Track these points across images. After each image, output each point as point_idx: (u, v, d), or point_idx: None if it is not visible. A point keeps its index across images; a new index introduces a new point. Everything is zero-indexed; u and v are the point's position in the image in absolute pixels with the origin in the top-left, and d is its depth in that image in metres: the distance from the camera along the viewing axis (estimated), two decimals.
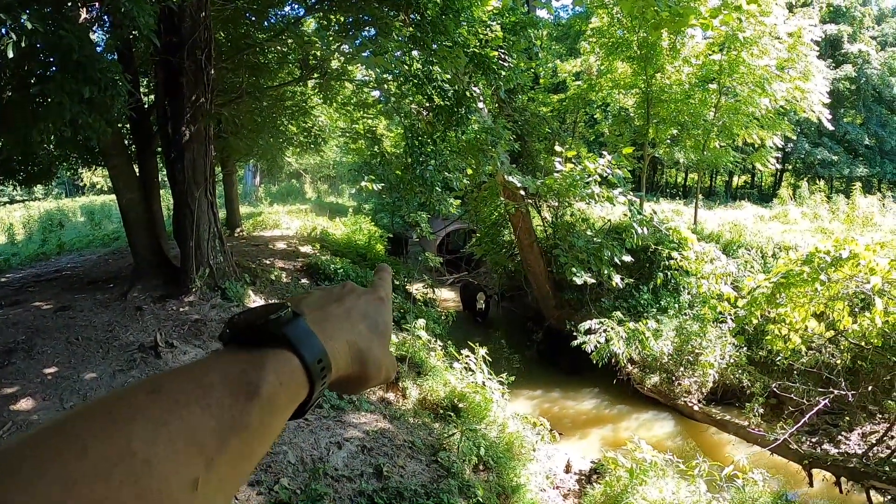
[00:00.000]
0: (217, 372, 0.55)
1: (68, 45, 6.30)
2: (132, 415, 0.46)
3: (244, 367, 0.57)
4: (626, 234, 12.76)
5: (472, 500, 6.29)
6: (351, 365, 0.70)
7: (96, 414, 0.46)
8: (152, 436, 0.45)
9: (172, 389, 0.51)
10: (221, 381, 0.54)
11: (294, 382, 0.60)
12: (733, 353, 12.22)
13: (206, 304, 9.60)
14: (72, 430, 0.44)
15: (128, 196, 10.41)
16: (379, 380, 0.76)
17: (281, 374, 0.58)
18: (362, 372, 0.72)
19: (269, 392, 0.56)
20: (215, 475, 0.49)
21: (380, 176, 13.55)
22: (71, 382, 6.61)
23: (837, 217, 20.81)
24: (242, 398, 0.54)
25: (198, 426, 0.49)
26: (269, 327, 0.62)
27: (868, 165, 37.78)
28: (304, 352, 0.62)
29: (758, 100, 16.48)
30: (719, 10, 11.34)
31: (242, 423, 0.52)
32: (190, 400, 0.50)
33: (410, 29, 10.57)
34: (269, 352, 0.60)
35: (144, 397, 0.49)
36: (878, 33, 41.47)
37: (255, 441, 0.54)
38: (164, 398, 0.49)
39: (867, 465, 8.84)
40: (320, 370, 0.63)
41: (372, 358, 0.73)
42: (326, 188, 39.80)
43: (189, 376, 0.53)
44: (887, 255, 8.58)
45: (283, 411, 0.59)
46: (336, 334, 0.69)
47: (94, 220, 24.56)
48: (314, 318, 0.68)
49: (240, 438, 0.52)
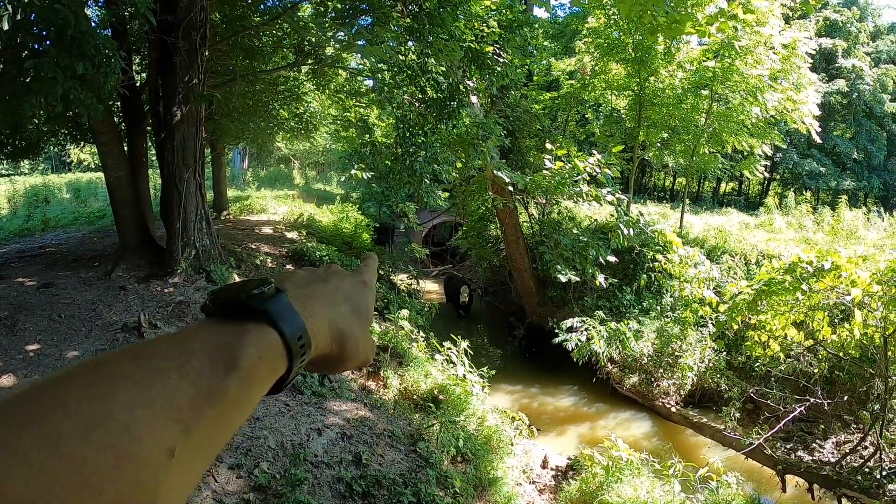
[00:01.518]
0: (198, 342, 0.56)
1: (64, 19, 6.26)
2: (114, 380, 0.47)
3: (225, 338, 0.58)
4: (611, 234, 12.82)
5: (449, 491, 6.34)
6: (331, 344, 0.71)
7: (79, 377, 0.47)
8: (132, 401, 0.46)
9: (154, 356, 0.52)
10: (202, 351, 0.55)
11: (273, 357, 0.61)
12: (712, 357, 12.31)
13: (190, 286, 9.57)
14: (54, 392, 0.44)
15: (116, 174, 10.33)
16: (357, 361, 0.77)
17: (260, 347, 0.59)
18: (341, 352, 0.73)
19: (248, 365, 0.57)
20: (191, 443, 0.49)
21: (369, 165, 13.55)
22: (53, 360, 6.59)
23: (822, 228, 20.96)
24: (221, 369, 0.54)
25: (176, 393, 0.50)
26: (251, 302, 0.62)
27: (855, 179, 38.08)
28: (284, 327, 0.62)
29: (749, 108, 16.59)
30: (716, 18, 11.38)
31: (220, 393, 0.53)
32: (170, 368, 0.51)
33: (408, 20, 10.56)
34: (251, 325, 0.61)
35: (127, 363, 0.50)
36: (872, 49, 41.78)
37: (232, 412, 0.55)
38: (145, 365, 0.50)
39: (840, 473, 8.95)
40: (300, 346, 0.64)
41: (351, 339, 0.74)
42: (315, 175, 39.64)
43: (170, 345, 0.54)
44: (869, 268, 8.68)
45: (260, 384, 0.60)
46: (317, 312, 0.70)
47: (80, 197, 24.39)
48: (297, 296, 0.68)
49: (217, 408, 0.53)
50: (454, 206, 19.70)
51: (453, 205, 19.54)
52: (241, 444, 5.66)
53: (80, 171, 39.77)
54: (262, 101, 15.58)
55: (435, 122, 11.76)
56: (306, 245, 13.87)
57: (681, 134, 18.43)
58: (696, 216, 24.20)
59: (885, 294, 8.41)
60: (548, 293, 15.60)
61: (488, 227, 18.65)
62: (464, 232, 20.02)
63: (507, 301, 18.91)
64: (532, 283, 15.94)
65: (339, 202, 22.83)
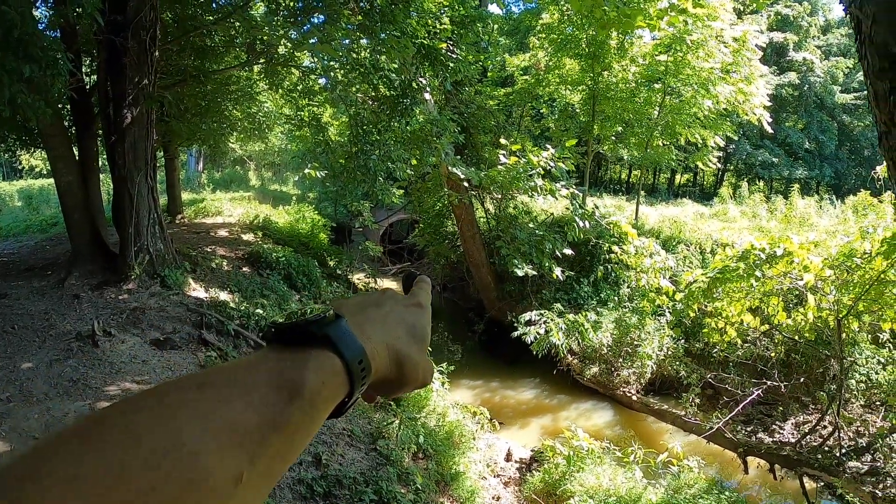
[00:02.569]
0: (261, 370, 0.57)
1: (10, 20, 6.11)
2: (180, 409, 0.48)
3: (287, 365, 0.59)
4: (567, 227, 12.94)
5: (411, 488, 6.36)
6: (389, 367, 0.72)
7: (146, 407, 0.48)
8: (200, 429, 0.47)
9: (219, 384, 0.53)
10: (265, 379, 0.55)
11: (335, 381, 0.62)
12: (671, 345, 12.52)
13: (144, 291, 9.42)
14: (124, 420, 0.46)
15: (66, 179, 10.09)
16: (416, 383, 0.77)
17: (322, 373, 0.60)
18: (400, 374, 0.74)
19: (311, 391, 0.58)
20: (256, 470, 0.50)
21: (323, 164, 13.48)
22: (7, 372, 6.44)
23: (776, 217, 21.38)
24: (285, 396, 0.55)
25: (242, 422, 0.50)
26: (311, 328, 0.63)
27: (807, 168, 38.91)
28: (344, 352, 0.63)
29: (701, 101, 16.87)
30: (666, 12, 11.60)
31: (284, 420, 0.54)
32: (235, 396, 0.52)
33: (359, 17, 10.52)
34: (312, 351, 0.62)
35: (191, 392, 0.50)
36: (822, 43, 42.71)
37: (295, 437, 0.56)
38: (211, 393, 0.51)
39: (800, 453, 9.19)
40: (360, 370, 0.65)
41: (409, 361, 0.75)
42: (270, 176, 39.20)
43: (235, 373, 0.55)
44: (821, 253, 8.92)
45: (323, 409, 0.61)
46: (375, 336, 0.71)
47: (31, 204, 23.77)
48: (355, 321, 0.69)
49: (281, 435, 0.53)
50: (410, 203, 19.71)
51: (409, 202, 19.54)
52: None
53: (32, 178, 38.76)
54: (215, 102, 15.37)
55: (388, 120, 11.75)
56: (262, 247, 13.76)
57: (634, 127, 18.68)
58: (652, 208, 24.47)
59: (837, 278, 8.66)
60: (506, 287, 15.71)
61: (445, 224, 18.71)
62: (420, 229, 20.04)
63: (466, 296, 18.99)
64: (490, 278, 16.03)
65: (295, 203, 22.67)
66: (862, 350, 10.76)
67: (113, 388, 6.44)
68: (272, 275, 12.25)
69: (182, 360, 7.75)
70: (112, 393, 6.33)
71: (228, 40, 13.34)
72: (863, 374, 10.58)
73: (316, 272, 13.43)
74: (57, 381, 6.41)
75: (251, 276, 11.89)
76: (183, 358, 7.80)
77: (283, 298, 11.20)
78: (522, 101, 22.24)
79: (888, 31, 2.29)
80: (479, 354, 15.58)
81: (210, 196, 24.36)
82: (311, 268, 13.42)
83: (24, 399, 5.94)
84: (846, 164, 41.80)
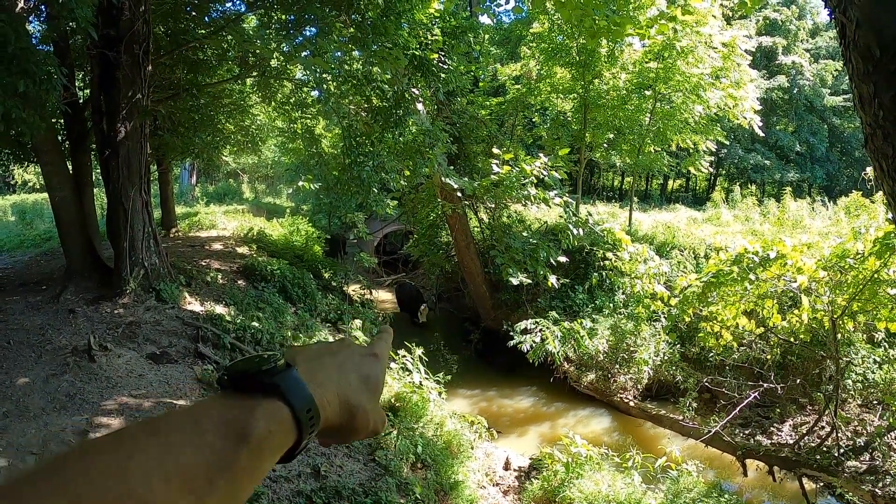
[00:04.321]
0: (211, 416, 0.59)
1: (4, 35, 6.15)
2: (131, 454, 0.51)
3: (236, 413, 0.61)
4: (561, 235, 12.94)
5: (410, 498, 6.36)
6: (341, 415, 0.73)
7: (100, 452, 0.51)
8: (149, 475, 0.50)
9: (171, 430, 0.55)
10: (215, 426, 0.58)
11: (283, 429, 0.64)
12: (667, 350, 12.52)
13: (140, 305, 9.40)
14: (80, 465, 0.48)
15: (60, 194, 10.10)
16: (366, 432, 0.78)
17: (270, 421, 0.62)
18: (351, 422, 0.75)
19: (258, 438, 0.60)
20: None
21: (317, 176, 13.49)
22: (3, 387, 6.42)
23: (768, 220, 21.48)
24: (232, 442, 0.57)
25: (190, 467, 0.53)
26: (262, 377, 0.65)
27: (799, 171, 39.19)
28: (293, 401, 0.65)
29: (692, 106, 16.98)
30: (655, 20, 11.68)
31: (231, 465, 0.56)
32: (185, 441, 0.55)
33: (351, 30, 10.57)
34: (262, 399, 0.64)
35: (144, 438, 0.53)
36: (811, 46, 43.10)
37: (243, 481, 0.58)
38: (161, 439, 0.54)
39: (798, 454, 9.18)
40: (309, 419, 0.66)
41: (360, 410, 0.76)
42: (264, 188, 39.19)
43: (185, 420, 0.58)
44: (814, 255, 8.96)
45: (270, 455, 0.63)
46: (327, 384, 0.72)
47: (25, 219, 23.68)
48: (307, 369, 0.71)
49: (227, 480, 0.55)
50: (404, 214, 19.71)
51: (403, 213, 19.53)
52: None
53: (26, 192, 38.66)
54: (208, 115, 15.36)
55: (381, 131, 11.78)
56: (257, 259, 13.72)
57: (626, 134, 18.79)
58: (645, 214, 24.59)
59: (830, 279, 8.70)
60: (501, 296, 15.70)
61: (439, 234, 18.71)
62: (415, 240, 20.02)
63: (462, 306, 18.97)
64: (485, 287, 16.03)
65: (289, 215, 22.66)
66: (858, 350, 10.79)
67: (110, 403, 6.43)
68: (267, 287, 12.22)
69: (179, 373, 7.73)
70: (109, 408, 6.32)
71: (221, 54, 13.36)
72: (859, 373, 10.61)
73: (311, 284, 13.40)
74: (54, 396, 6.39)
75: (246, 290, 11.87)
76: (180, 372, 7.79)
77: (279, 311, 11.18)
78: (514, 111, 22.33)
79: (871, 35, 2.34)
80: (476, 364, 15.53)
81: (204, 209, 24.34)
82: (307, 280, 13.38)
83: (21, 414, 5.93)
84: (837, 166, 42.10)
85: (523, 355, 12.17)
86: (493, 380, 14.42)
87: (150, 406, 6.55)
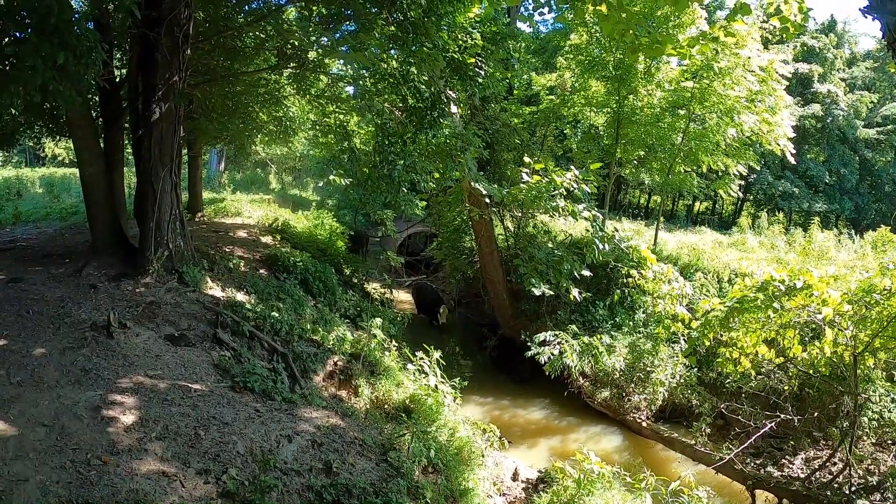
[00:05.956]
0: None
1: (47, 7, 6.18)
2: None
3: None
4: (586, 249, 12.89)
5: (420, 501, 6.29)
6: None
7: None
8: None
9: None
10: None
11: None
12: (684, 373, 12.39)
13: (161, 286, 9.39)
14: None
15: (90, 170, 10.13)
16: None
17: None
18: None
19: None
20: None
21: (348, 171, 13.48)
22: (20, 357, 6.43)
23: (794, 249, 21.22)
24: None
25: None
26: None
27: (827, 201, 38.71)
28: None
29: (725, 129, 16.82)
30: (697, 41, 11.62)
31: None
32: None
33: (392, 28, 10.57)
34: None
35: None
36: (847, 76, 42.67)
37: None
38: None
39: (809, 488, 9.05)
40: None
41: None
42: (291, 180, 39.41)
43: None
44: (840, 288, 8.81)
45: None
46: None
47: (52, 192, 23.98)
48: None
49: None
50: (430, 216, 19.72)
51: (429, 215, 19.54)
52: (210, 449, 5.57)
53: (55, 166, 39.16)
54: (242, 103, 15.44)
55: (415, 132, 11.75)
56: (280, 250, 13.74)
57: (657, 152, 18.66)
58: (670, 234, 24.40)
59: (855, 313, 8.55)
60: (521, 306, 15.62)
61: (463, 239, 18.72)
62: (439, 242, 20.05)
63: (481, 313, 18.92)
64: (506, 295, 15.96)
65: (314, 209, 22.70)
66: (876, 387, 10.60)
67: (125, 381, 6.42)
68: (289, 279, 12.23)
69: (196, 357, 7.72)
70: (124, 385, 6.31)
71: (259, 43, 13.42)
72: (876, 411, 10.42)
73: (333, 279, 13.40)
74: (69, 370, 6.39)
75: (268, 279, 11.87)
76: (196, 356, 7.77)
77: (299, 303, 11.17)
78: (547, 121, 22.30)
79: None
80: (491, 371, 15.50)
81: (230, 196, 24.52)
82: (329, 274, 13.37)
83: (35, 385, 5.93)
84: (866, 199, 41.54)
85: (538, 366, 12.10)
86: (506, 389, 14.38)
87: (165, 388, 6.53)
